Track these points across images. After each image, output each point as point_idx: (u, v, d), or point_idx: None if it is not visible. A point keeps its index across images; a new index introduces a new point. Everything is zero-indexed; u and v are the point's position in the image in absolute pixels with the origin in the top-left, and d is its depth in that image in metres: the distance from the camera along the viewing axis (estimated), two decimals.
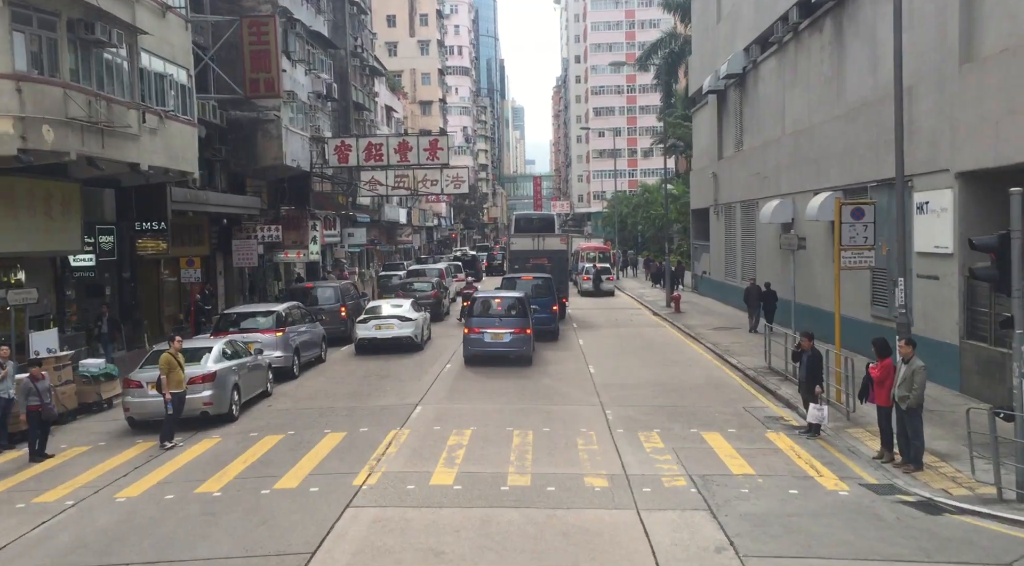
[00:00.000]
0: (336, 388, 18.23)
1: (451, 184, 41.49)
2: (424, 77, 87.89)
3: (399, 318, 22.94)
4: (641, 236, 69.80)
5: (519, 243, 31.52)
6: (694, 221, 43.31)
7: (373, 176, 41.34)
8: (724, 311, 32.71)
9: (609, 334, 27.26)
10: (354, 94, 50.13)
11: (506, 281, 26.10)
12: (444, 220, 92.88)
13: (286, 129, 33.06)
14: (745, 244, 31.72)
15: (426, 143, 37.09)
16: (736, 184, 32.73)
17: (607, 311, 35.16)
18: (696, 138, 42.67)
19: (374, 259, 62.74)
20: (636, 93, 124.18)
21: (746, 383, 18.29)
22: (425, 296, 31.52)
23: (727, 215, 34.64)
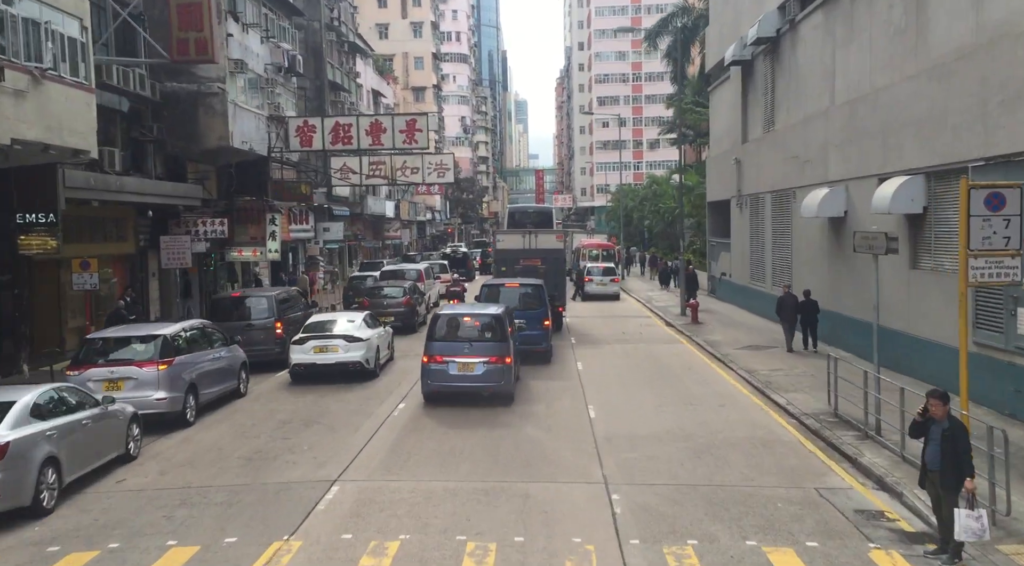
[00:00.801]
0: (236, 444, 13.12)
1: (435, 172, 36.42)
2: (417, 61, 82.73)
3: (345, 338, 17.84)
4: (648, 232, 64.60)
5: (507, 241, 26.41)
6: (711, 215, 38.14)
7: (345, 163, 36.28)
8: (751, 322, 27.59)
9: (614, 353, 22.17)
10: (330, 72, 45.01)
11: (486, 290, 20.96)
12: (439, 214, 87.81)
13: (234, 105, 27.95)
14: (778, 243, 26.55)
15: (402, 124, 31.97)
16: (766, 171, 27.58)
17: (611, 320, 30.05)
18: (714, 120, 37.50)
19: (358, 256, 57.72)
20: (642, 81, 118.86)
21: (807, 439, 13.16)
22: (395, 304, 26.46)
23: (753, 208, 29.48)
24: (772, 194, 26.89)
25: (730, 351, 21.57)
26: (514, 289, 20.72)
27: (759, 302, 28.77)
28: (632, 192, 73.90)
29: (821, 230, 22.02)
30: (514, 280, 21.56)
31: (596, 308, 34.87)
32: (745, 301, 30.85)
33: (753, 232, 29.48)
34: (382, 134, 31.80)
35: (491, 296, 20.52)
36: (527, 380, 18.14)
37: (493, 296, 20.51)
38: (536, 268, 25.74)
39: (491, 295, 20.57)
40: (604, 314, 32.52)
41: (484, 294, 20.60)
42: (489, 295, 20.57)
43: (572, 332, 26.79)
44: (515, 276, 25.37)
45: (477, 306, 17.65)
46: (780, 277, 26.15)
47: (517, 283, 20.86)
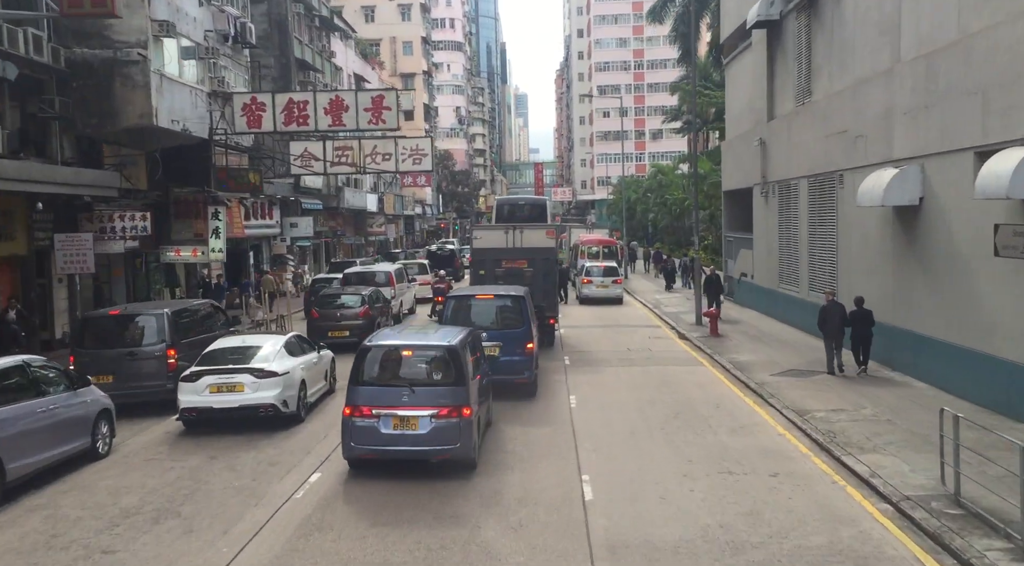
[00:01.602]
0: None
1: (410, 159, 31.61)
2: (406, 46, 77.89)
3: (253, 372, 13.08)
4: (653, 226, 59.80)
5: (486, 238, 21.65)
6: (727, 207, 33.35)
7: (307, 148, 31.49)
8: (781, 334, 22.84)
9: (618, 381, 17.41)
10: (298, 49, 40.23)
11: (452, 304, 16.05)
12: (430, 208, 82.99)
13: (160, 76, 23.26)
14: (817, 239, 21.77)
15: (367, 101, 27.20)
16: (800, 152, 22.80)
17: (615, 331, 25.30)
18: (730, 98, 32.68)
19: (337, 254, 53.01)
20: (644, 69, 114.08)
21: (926, 551, 8.37)
22: (350, 316, 21.73)
23: (783, 197, 24.70)
24: (809, 179, 22.10)
25: (766, 378, 16.82)
26: (487, 302, 15.97)
27: (790, 310, 24.02)
28: (635, 183, 69.07)
29: (883, 222, 17.25)
30: (488, 290, 16.76)
31: (596, 314, 30.11)
32: (771, 307, 26.09)
33: (783, 226, 24.70)
34: (343, 113, 27.05)
35: (458, 312, 15.77)
36: (501, 425, 13.44)
37: (461, 312, 15.77)
38: (521, 271, 21.05)
39: (458, 310, 15.81)
40: (605, 322, 27.76)
41: (450, 309, 15.78)
42: (456, 310, 15.80)
43: (566, 348, 22.05)
44: (496, 281, 20.70)
45: (425, 332, 12.74)
46: (820, 281, 21.39)
47: (492, 294, 16.05)
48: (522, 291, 16.14)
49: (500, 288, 16.77)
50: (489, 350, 15.18)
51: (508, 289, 16.38)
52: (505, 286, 17.25)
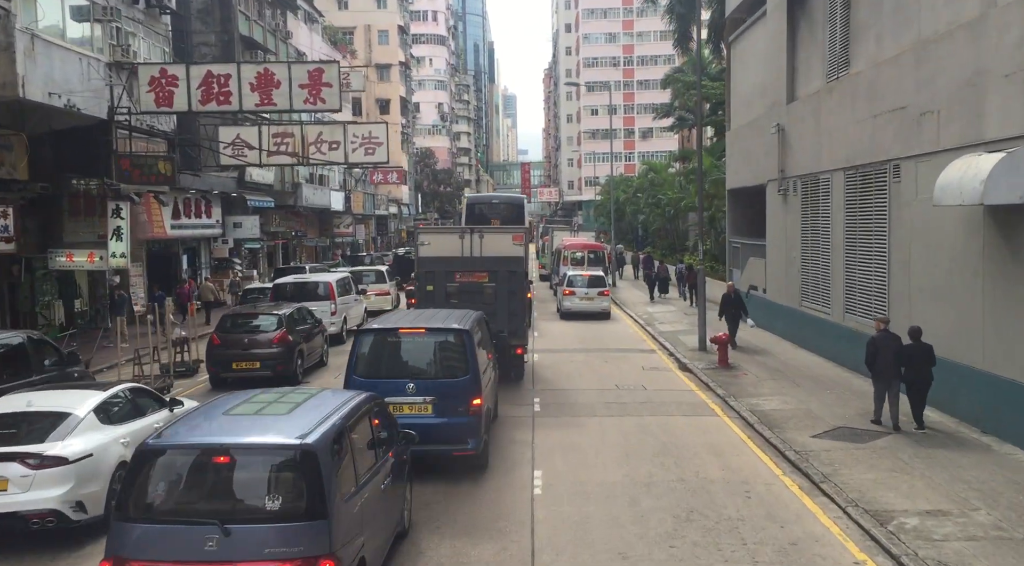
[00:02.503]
0: None
1: (360, 148, 26.86)
2: (381, 35, 73.01)
3: (26, 460, 8.26)
4: (643, 229, 55.21)
5: (435, 244, 16.87)
6: (731, 208, 28.75)
7: (239, 134, 26.68)
8: (807, 366, 18.21)
9: (603, 444, 12.68)
10: (243, 25, 35.33)
11: (365, 343, 11.00)
12: (407, 207, 78.12)
13: (30, 35, 18.47)
14: (858, 248, 17.13)
15: (303, 75, 22.40)
16: (834, 138, 18.17)
17: (600, 358, 20.59)
18: (736, 81, 28.05)
19: (298, 257, 48.15)
20: (634, 65, 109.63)
21: None
22: (262, 343, 16.95)
23: (808, 195, 20.08)
24: (846, 172, 17.47)
25: (808, 442, 12.17)
26: (416, 339, 11.16)
27: (818, 335, 19.39)
28: (624, 183, 64.48)
29: (968, 227, 12.62)
30: (421, 319, 11.88)
31: (578, 333, 25.41)
32: (791, 330, 21.48)
33: (808, 230, 20.07)
34: (274, 90, 22.26)
35: (373, 354, 11.02)
36: (420, 534, 8.75)
37: (376, 354, 11.03)
38: (480, 288, 16.39)
39: (373, 352, 11.04)
40: (588, 344, 23.08)
41: (359, 352, 10.91)
42: (370, 352, 11.02)
43: (538, 383, 17.34)
44: (448, 301, 16.01)
45: (240, 425, 6.94)
46: (863, 302, 16.76)
47: (423, 328, 11.20)
48: (468, 323, 11.35)
49: (440, 316, 11.99)
50: (417, 408, 10.50)
51: (450, 319, 11.60)
52: (448, 313, 12.46)
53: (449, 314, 12.17)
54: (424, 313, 12.66)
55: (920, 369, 12.76)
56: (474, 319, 11.96)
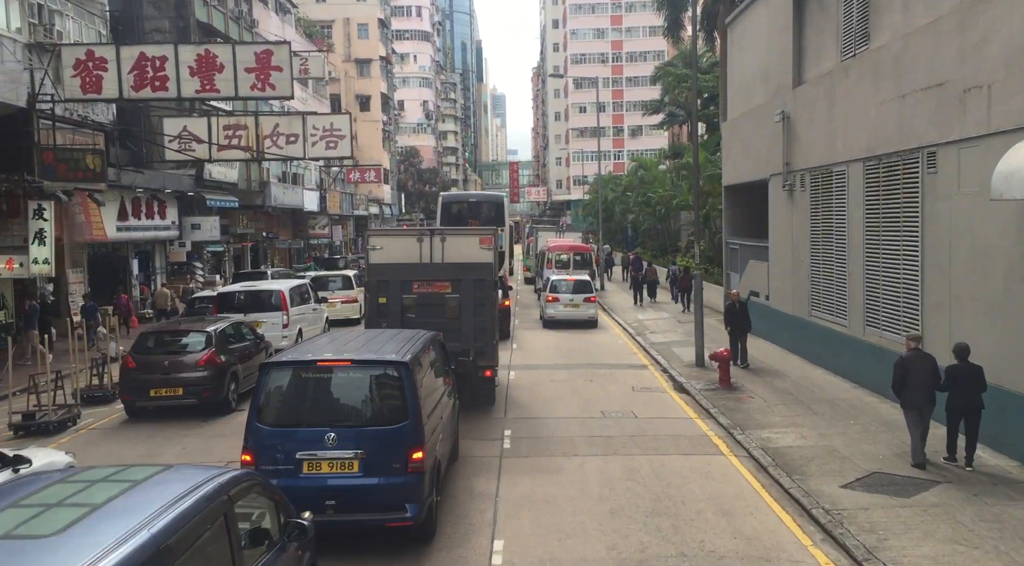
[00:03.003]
0: None
1: (321, 142, 24.40)
2: (361, 29, 70.39)
3: None
4: (633, 229, 52.85)
5: (389, 250, 14.35)
6: (728, 205, 26.39)
7: (186, 126, 24.15)
8: (821, 385, 15.83)
9: (584, 497, 10.21)
10: (200, 10, 32.71)
11: (270, 378, 8.47)
12: (389, 207, 75.45)
13: None
14: (882, 250, 14.75)
15: (249, 57, 19.94)
16: (851, 123, 15.80)
17: (584, 376, 18.14)
18: (733, 67, 25.68)
19: (269, 260, 45.58)
20: (623, 62, 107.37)
21: None
22: (188, 366, 14.45)
23: (820, 190, 17.70)
24: (866, 162, 15.09)
25: (838, 495, 9.77)
26: (342, 375, 8.61)
27: (832, 350, 17.02)
28: (613, 181, 62.12)
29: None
30: (346, 349, 9.22)
31: (562, 344, 23.00)
32: (799, 343, 19.11)
33: (819, 230, 17.70)
34: (217, 74, 19.86)
35: (287, 397, 8.55)
36: None
37: (289, 398, 8.56)
38: (442, 300, 13.95)
39: (287, 394, 8.56)
40: (572, 358, 20.66)
41: (266, 392, 8.40)
42: (283, 394, 8.54)
43: (511, 409, 14.90)
44: (403, 316, 13.60)
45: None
46: (890, 314, 14.38)
47: (349, 360, 8.64)
48: (410, 351, 8.86)
49: (375, 342, 9.47)
50: (340, 465, 8.06)
51: (387, 346, 9.09)
52: (389, 337, 9.94)
53: (388, 339, 9.68)
54: (358, 337, 10.15)
55: (967, 394, 10.49)
56: (420, 345, 9.48)
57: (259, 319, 19.93)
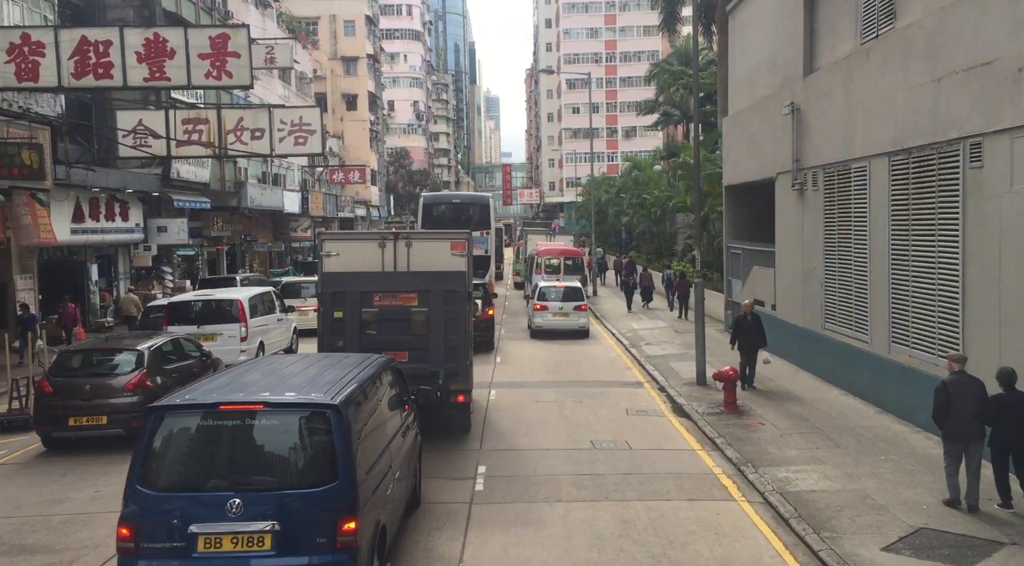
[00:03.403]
0: None
1: (289, 137, 22.48)
2: (347, 25, 68.52)
3: None
4: (627, 231, 51.06)
5: (347, 255, 12.45)
6: (729, 207, 24.55)
7: (141, 119, 22.22)
8: (841, 409, 13.99)
9: (571, 556, 8.38)
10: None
11: (153, 427, 6.44)
12: (377, 209, 73.52)
13: None
14: (913, 256, 12.91)
15: (203, 42, 18.04)
16: (874, 113, 13.97)
17: (573, 396, 16.25)
18: (735, 58, 23.85)
19: (247, 264, 43.61)
20: (616, 62, 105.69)
21: None
22: (112, 390, 12.53)
23: (835, 189, 15.87)
24: (892, 157, 13.26)
25: (878, 558, 7.93)
26: (251, 422, 6.64)
27: (849, 368, 15.18)
28: (606, 182, 60.38)
29: None
30: (261, 386, 7.10)
31: (550, 357, 21.14)
32: (811, 358, 17.27)
33: (833, 233, 15.86)
34: (167, 61, 17.97)
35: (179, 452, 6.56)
36: None
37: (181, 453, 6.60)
38: (406, 314, 12.11)
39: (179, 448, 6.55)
40: (561, 373, 18.79)
41: (151, 446, 6.36)
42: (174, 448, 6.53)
43: (488, 438, 13.02)
44: (362, 333, 11.76)
45: None
46: (922, 330, 12.53)
47: (260, 403, 6.54)
48: (343, 389, 6.94)
49: (303, 377, 7.52)
50: (246, 541, 6.16)
51: (315, 383, 7.17)
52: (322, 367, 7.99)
53: (325, 369, 7.78)
54: (288, 367, 8.20)
55: (1017, 429, 8.78)
56: (364, 377, 7.59)
57: (214, 332, 18.08)
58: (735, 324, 16.04)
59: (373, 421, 7.51)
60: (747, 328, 15.65)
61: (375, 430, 7.53)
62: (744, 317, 15.86)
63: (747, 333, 15.68)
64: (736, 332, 15.97)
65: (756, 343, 15.62)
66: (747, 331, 15.67)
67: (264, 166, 46.66)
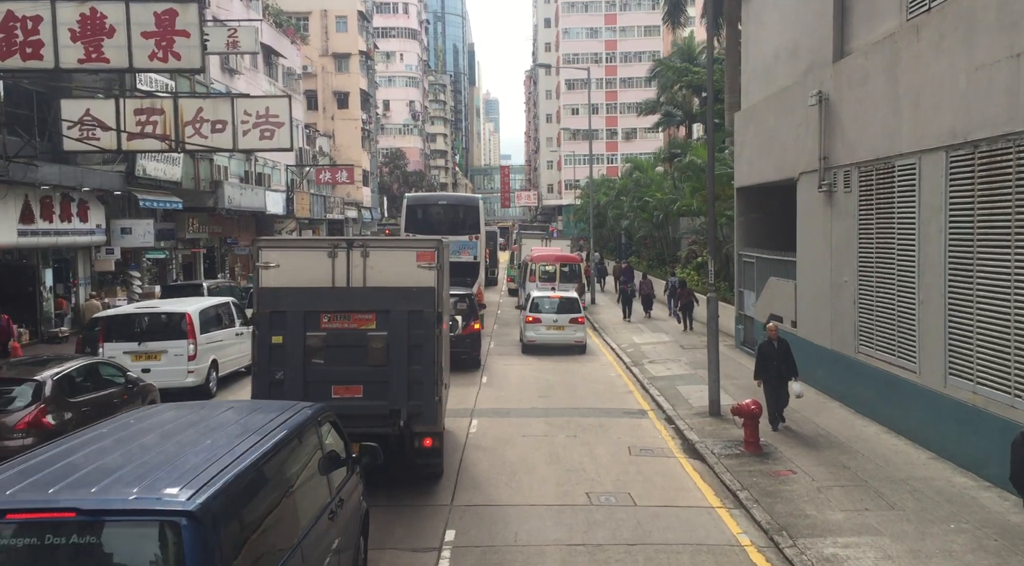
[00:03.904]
0: None
1: (254, 130, 20.26)
2: (339, 21, 66.26)
3: None
4: (627, 236, 48.84)
5: (289, 266, 10.16)
6: (741, 211, 22.28)
7: (88, 109, 19.95)
8: (884, 452, 11.71)
9: None
10: None
11: None
12: (369, 211, 71.24)
13: None
14: (975, 277, 10.64)
15: (147, 18, 15.81)
16: (926, 102, 11.72)
17: (568, 427, 13.96)
18: (750, 46, 21.59)
19: (229, 269, 41.35)
20: (616, 62, 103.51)
21: None
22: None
23: (873, 191, 13.62)
24: (952, 152, 11.01)
25: None
26: (51, 537, 4.43)
27: (891, 401, 12.92)
28: (606, 184, 58.14)
29: None
30: (83, 476, 4.81)
31: (542, 377, 18.88)
32: (841, 385, 15.01)
33: (870, 242, 13.60)
34: (106, 39, 15.80)
35: None
36: None
37: None
38: (362, 339, 9.92)
39: None
40: (553, 398, 16.52)
41: None
42: None
43: (463, 489, 10.73)
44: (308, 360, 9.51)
45: None
46: (991, 363, 10.26)
47: (70, 510, 4.28)
48: (212, 482, 4.63)
49: (162, 450, 5.26)
50: None
51: (178, 465, 4.91)
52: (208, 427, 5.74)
53: (200, 439, 5.50)
54: (141, 432, 5.80)
55: None
56: (258, 455, 5.29)
57: (157, 349, 15.84)
58: (759, 354, 13.45)
59: (277, 513, 5.25)
60: (773, 357, 13.14)
61: (279, 523, 5.27)
62: (769, 343, 13.27)
63: (773, 364, 13.14)
64: (761, 363, 13.33)
65: (785, 374, 13.09)
66: (773, 360, 13.15)
67: (247, 165, 44.47)
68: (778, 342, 13.12)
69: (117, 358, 15.47)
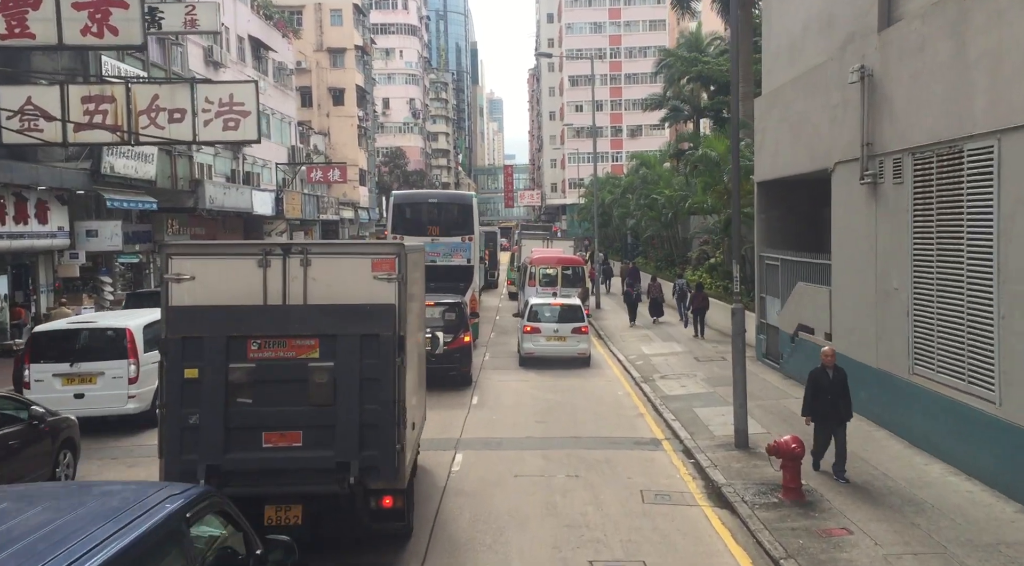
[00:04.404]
0: None
1: (217, 120, 18.10)
2: (334, 15, 64.11)
3: None
4: (634, 235, 46.56)
5: (209, 278, 7.97)
6: (762, 207, 19.97)
7: (30, 97, 17.76)
8: (959, 504, 9.47)
9: None
10: None
11: None
12: (367, 212, 69.04)
13: None
14: None
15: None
16: (1004, 72, 9.48)
17: (569, 463, 11.72)
18: (773, 22, 19.23)
19: None
20: (621, 58, 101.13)
21: None
22: None
23: (931, 182, 11.37)
24: None
25: None
26: None
27: (959, 434, 10.67)
28: (611, 182, 55.89)
29: None
30: None
31: (540, 396, 16.64)
32: (887, 411, 12.75)
33: (929, 243, 11.33)
34: (30, 12, 13.91)
35: None
36: None
37: None
38: (300, 372, 7.60)
39: None
40: (552, 424, 14.27)
41: None
42: None
43: (437, 551, 8.50)
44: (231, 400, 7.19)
45: None
46: None
47: None
48: None
49: None
50: None
51: None
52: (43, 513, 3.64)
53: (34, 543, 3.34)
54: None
55: None
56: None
57: (93, 371, 13.66)
58: (811, 384, 10.74)
59: None
60: (827, 389, 10.55)
61: None
62: (823, 372, 10.65)
63: (828, 395, 10.52)
64: (813, 395, 10.68)
65: (843, 412, 10.53)
66: (828, 394, 10.54)
67: (234, 163, 42.38)
68: (833, 371, 10.62)
69: (45, 382, 13.41)
